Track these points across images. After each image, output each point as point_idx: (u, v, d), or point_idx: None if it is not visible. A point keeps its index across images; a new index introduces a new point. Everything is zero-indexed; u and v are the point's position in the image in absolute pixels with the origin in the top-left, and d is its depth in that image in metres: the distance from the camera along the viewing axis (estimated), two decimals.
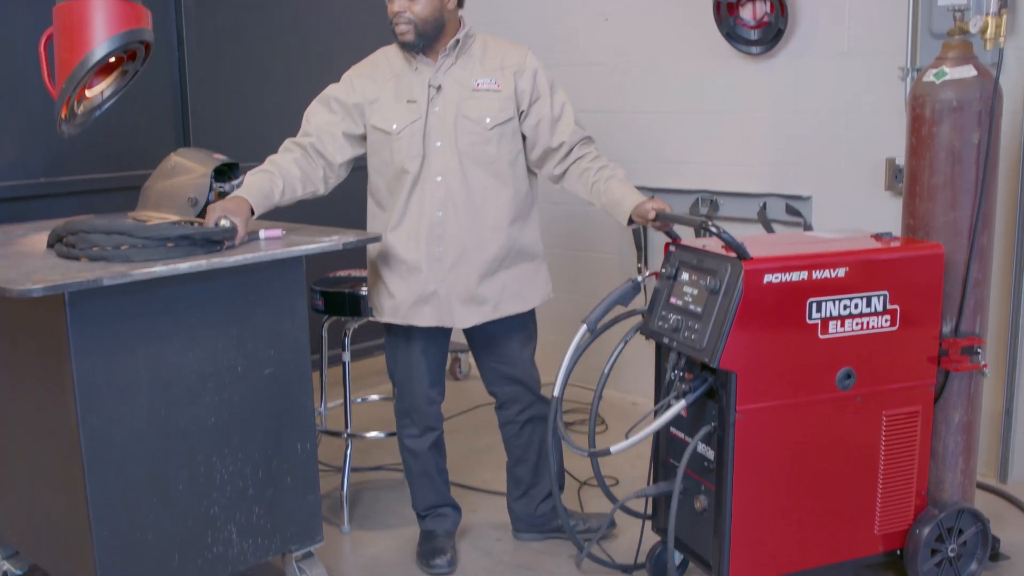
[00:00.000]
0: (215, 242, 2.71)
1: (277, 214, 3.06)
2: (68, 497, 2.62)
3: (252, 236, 2.91)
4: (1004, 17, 2.92)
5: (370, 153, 3.15)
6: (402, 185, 3.07)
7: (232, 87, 4.45)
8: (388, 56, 3.15)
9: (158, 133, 4.20)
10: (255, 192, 2.95)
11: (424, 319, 3.12)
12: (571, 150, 3.14)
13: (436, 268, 3.08)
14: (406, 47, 3.04)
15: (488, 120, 3.05)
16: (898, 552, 2.99)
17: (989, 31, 2.92)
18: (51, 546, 2.83)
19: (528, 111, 3.10)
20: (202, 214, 3.13)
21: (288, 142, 3.14)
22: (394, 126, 3.05)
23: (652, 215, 2.97)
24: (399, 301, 3.13)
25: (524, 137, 3.14)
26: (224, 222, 2.77)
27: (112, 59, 3.07)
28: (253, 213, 2.91)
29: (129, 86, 3.27)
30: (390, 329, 3.23)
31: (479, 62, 3.10)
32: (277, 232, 2.96)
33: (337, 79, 3.16)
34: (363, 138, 3.15)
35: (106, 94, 3.21)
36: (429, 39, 3.02)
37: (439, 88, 3.06)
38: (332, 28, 4.78)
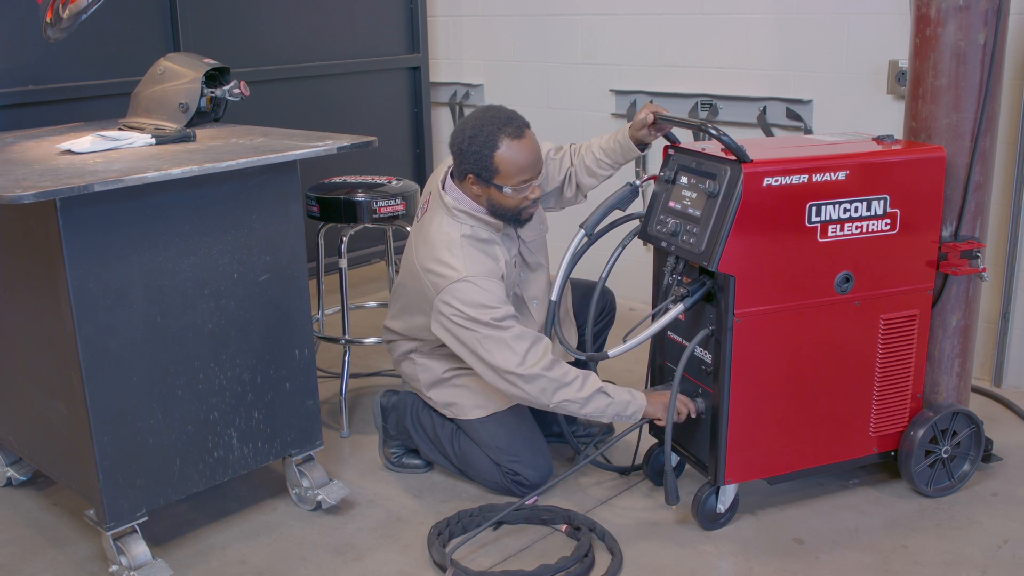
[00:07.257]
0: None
1: (260, 119, 2.95)
2: (68, 405, 2.64)
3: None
4: None
5: None
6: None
7: None
8: (476, 240, 2.94)
9: (147, 38, 4.11)
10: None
11: None
12: (570, 165, 3.19)
13: None
14: (522, 224, 3.03)
15: (544, 227, 3.19)
16: (892, 453, 3.02)
17: None
18: (54, 453, 2.85)
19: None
20: None
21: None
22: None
23: (651, 119, 2.93)
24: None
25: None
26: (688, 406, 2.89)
27: None
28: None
29: None
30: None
31: None
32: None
33: None
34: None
35: None
36: None
37: (518, 236, 3.09)
38: None
